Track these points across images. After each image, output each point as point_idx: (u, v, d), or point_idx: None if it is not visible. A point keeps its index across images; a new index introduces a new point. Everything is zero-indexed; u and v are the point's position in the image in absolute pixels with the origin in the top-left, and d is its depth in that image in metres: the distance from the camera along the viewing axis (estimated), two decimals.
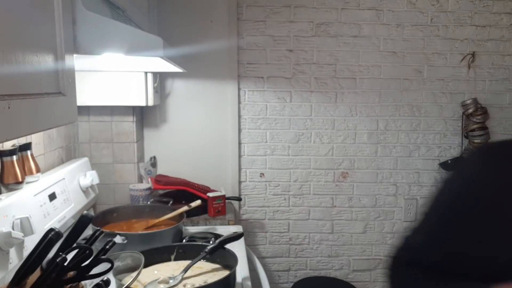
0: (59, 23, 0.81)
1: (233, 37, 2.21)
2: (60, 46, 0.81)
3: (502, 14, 2.31)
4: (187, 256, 1.37)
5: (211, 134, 2.28)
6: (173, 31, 2.15)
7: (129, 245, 1.40)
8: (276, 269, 2.43)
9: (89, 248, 0.87)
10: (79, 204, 1.56)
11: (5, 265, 1.05)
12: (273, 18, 2.23)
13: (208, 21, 2.20)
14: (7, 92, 0.61)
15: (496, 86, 2.36)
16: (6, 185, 1.22)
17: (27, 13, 0.70)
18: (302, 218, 2.39)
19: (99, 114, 1.99)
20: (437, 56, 2.29)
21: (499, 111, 2.37)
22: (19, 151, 1.28)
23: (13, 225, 1.09)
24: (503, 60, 2.34)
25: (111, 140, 2.02)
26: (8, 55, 0.61)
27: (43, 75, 0.76)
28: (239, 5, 2.21)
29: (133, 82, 1.83)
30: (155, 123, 2.25)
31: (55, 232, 0.81)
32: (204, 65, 2.22)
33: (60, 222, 1.36)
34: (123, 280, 1.19)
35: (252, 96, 2.28)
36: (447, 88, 2.33)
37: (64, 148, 1.78)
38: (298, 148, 2.32)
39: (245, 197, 2.35)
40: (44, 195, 1.31)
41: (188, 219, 1.84)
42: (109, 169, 2.02)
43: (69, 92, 0.85)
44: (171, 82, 2.23)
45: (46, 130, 1.30)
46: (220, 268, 1.35)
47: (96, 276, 0.90)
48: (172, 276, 1.25)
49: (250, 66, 2.25)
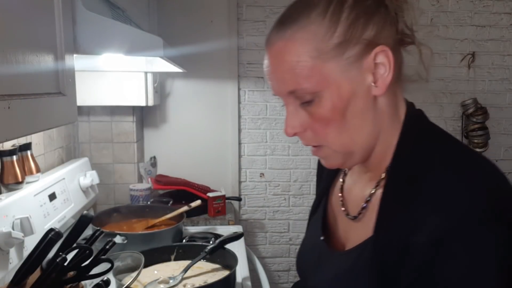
0: (59, 23, 0.81)
1: (233, 37, 2.21)
2: (60, 46, 0.81)
3: (502, 14, 2.31)
4: (187, 256, 1.37)
5: (211, 134, 2.28)
6: (173, 31, 2.15)
7: (129, 245, 1.40)
8: (276, 269, 2.42)
9: (89, 248, 0.87)
10: (79, 204, 1.56)
11: (5, 265, 1.05)
12: (273, 18, 2.22)
13: (208, 21, 2.20)
14: (7, 92, 0.61)
15: (496, 86, 2.36)
16: (6, 185, 1.22)
17: (27, 13, 0.70)
18: (302, 218, 2.38)
19: (99, 114, 1.99)
20: (437, 56, 2.29)
21: (499, 111, 2.37)
22: (19, 151, 1.28)
23: (13, 225, 1.09)
24: (503, 60, 2.34)
25: (111, 140, 2.01)
26: (8, 55, 0.61)
27: (43, 75, 0.76)
28: (239, 5, 2.21)
29: (133, 82, 1.83)
30: (155, 123, 2.25)
31: (55, 232, 0.81)
32: (204, 65, 2.22)
33: (60, 222, 1.36)
34: (123, 280, 1.19)
35: (252, 96, 2.28)
36: (447, 88, 2.33)
37: (64, 148, 1.78)
38: (298, 148, 2.32)
39: (245, 197, 2.35)
40: (44, 195, 1.31)
41: (188, 219, 1.84)
42: (109, 169, 2.02)
43: (69, 92, 0.85)
44: (171, 82, 2.23)
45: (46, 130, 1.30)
46: (220, 268, 1.35)
47: (96, 276, 0.90)
48: (172, 276, 1.25)
49: (250, 66, 2.25)
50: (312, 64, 0.63)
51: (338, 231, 0.78)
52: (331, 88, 0.64)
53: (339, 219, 0.79)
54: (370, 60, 0.64)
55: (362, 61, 0.64)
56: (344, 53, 0.63)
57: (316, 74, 0.63)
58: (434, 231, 0.58)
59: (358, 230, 0.72)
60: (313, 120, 0.66)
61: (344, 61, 0.63)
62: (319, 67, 0.63)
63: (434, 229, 0.58)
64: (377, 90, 0.65)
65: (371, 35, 0.64)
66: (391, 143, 0.69)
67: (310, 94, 0.64)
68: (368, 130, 0.67)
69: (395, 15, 0.67)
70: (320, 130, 0.66)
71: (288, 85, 0.66)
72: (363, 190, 0.74)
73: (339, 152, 0.68)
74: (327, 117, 0.65)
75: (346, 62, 0.63)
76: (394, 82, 0.67)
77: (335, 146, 0.67)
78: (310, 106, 0.65)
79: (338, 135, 0.66)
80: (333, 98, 0.64)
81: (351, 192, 0.78)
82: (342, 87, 0.64)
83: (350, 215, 0.75)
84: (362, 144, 0.68)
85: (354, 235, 0.73)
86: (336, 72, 0.64)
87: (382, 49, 0.64)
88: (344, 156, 0.69)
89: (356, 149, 0.68)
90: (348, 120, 0.65)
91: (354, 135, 0.67)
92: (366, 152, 0.69)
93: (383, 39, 0.65)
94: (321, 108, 0.65)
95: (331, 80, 0.64)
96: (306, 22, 0.64)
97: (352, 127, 0.66)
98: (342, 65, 0.63)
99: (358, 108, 0.65)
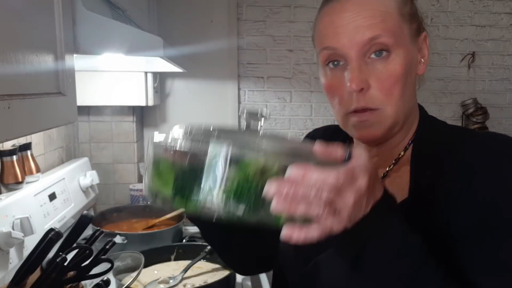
0: (59, 23, 0.81)
1: (233, 37, 2.21)
2: (60, 46, 0.81)
3: (502, 14, 2.31)
4: (187, 256, 1.37)
5: None
6: (173, 31, 2.15)
7: (129, 245, 1.40)
8: None
9: (89, 248, 0.87)
10: (79, 204, 1.56)
11: (5, 265, 1.05)
12: (273, 18, 2.23)
13: (208, 21, 2.20)
14: (7, 92, 0.61)
15: (496, 86, 2.36)
16: (6, 185, 1.22)
17: (27, 13, 0.70)
18: None
19: (99, 114, 1.98)
20: (437, 56, 2.29)
21: (499, 111, 2.37)
22: (19, 151, 1.28)
23: (13, 225, 1.09)
24: (503, 60, 2.34)
25: (111, 140, 2.01)
26: (8, 55, 0.61)
27: (43, 75, 0.76)
28: (239, 5, 2.21)
29: (133, 82, 1.83)
30: (155, 123, 2.25)
31: (55, 232, 0.81)
32: (204, 65, 2.22)
33: (60, 222, 1.36)
34: (123, 280, 1.19)
35: (252, 96, 2.28)
36: (447, 88, 2.33)
37: (64, 148, 1.78)
38: None
39: None
40: (44, 195, 1.31)
41: (188, 219, 1.83)
42: (109, 169, 2.02)
43: (69, 92, 0.85)
44: (171, 82, 2.23)
45: (46, 130, 1.30)
46: (220, 268, 1.35)
47: (96, 276, 0.90)
48: (172, 276, 1.25)
49: (250, 66, 2.25)
50: (397, 19, 0.67)
51: None
52: (404, 48, 0.67)
53: None
54: (421, 39, 0.71)
55: (418, 38, 0.71)
56: (411, 24, 0.69)
57: (398, 30, 0.67)
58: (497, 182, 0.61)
59: None
60: (383, 75, 0.66)
61: (411, 31, 0.69)
62: (401, 25, 0.67)
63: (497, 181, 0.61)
64: (421, 69, 0.71)
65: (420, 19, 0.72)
66: (411, 125, 0.73)
67: (389, 46, 0.66)
68: (411, 104, 0.72)
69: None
70: (388, 88, 0.67)
71: (373, 31, 0.65)
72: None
73: (392, 118, 0.68)
74: (397, 75, 0.66)
75: (412, 33, 0.69)
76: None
77: (391, 111, 0.68)
78: (383, 60, 0.66)
79: (401, 97, 0.67)
80: (405, 58, 0.67)
81: None
82: (410, 52, 0.69)
83: None
84: (406, 115, 0.71)
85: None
86: (408, 36, 0.69)
87: (426, 34, 0.72)
88: (391, 124, 0.69)
89: (401, 120, 0.70)
90: (408, 86, 0.69)
91: (407, 103, 0.70)
92: (401, 127, 0.71)
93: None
94: (393, 64, 0.66)
95: (406, 41, 0.68)
96: None
97: (407, 95, 0.69)
98: (411, 34, 0.69)
99: (412, 79, 0.70)
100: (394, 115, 0.68)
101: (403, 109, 0.69)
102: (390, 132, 0.70)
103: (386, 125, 0.69)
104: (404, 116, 0.70)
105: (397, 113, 0.68)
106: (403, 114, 0.69)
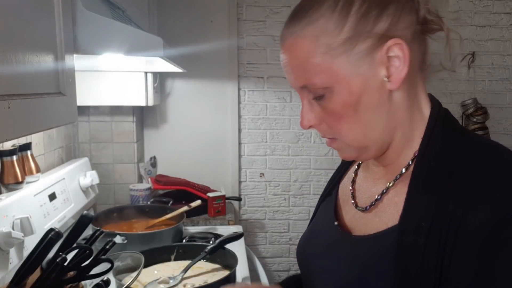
0: (59, 23, 0.81)
1: (233, 37, 2.21)
2: (60, 46, 0.81)
3: (502, 14, 2.31)
4: (187, 256, 1.37)
5: (211, 134, 2.28)
6: (173, 31, 2.15)
7: (129, 245, 1.40)
8: (276, 269, 2.42)
9: (89, 248, 0.87)
10: (79, 204, 1.56)
11: (5, 265, 1.05)
12: (273, 18, 2.23)
13: (208, 21, 2.20)
14: (7, 92, 0.61)
15: (496, 86, 2.36)
16: (6, 185, 1.22)
17: (27, 13, 0.70)
18: (302, 218, 2.38)
19: (99, 114, 1.99)
20: (437, 56, 2.29)
21: (499, 111, 2.37)
22: (19, 151, 1.28)
23: (13, 225, 1.09)
24: (503, 60, 2.34)
25: (111, 140, 2.01)
26: (8, 55, 0.61)
27: (43, 75, 0.76)
28: (239, 5, 2.21)
29: (133, 82, 1.83)
30: (155, 123, 2.25)
31: (55, 232, 0.81)
32: (204, 65, 2.22)
33: (60, 222, 1.36)
34: (123, 280, 1.19)
35: (252, 96, 2.28)
36: (447, 88, 2.33)
37: (64, 148, 1.78)
38: (298, 148, 2.32)
39: (245, 197, 2.35)
40: (44, 195, 1.31)
41: (188, 219, 1.84)
42: (109, 169, 2.02)
43: (69, 92, 0.85)
44: (171, 82, 2.23)
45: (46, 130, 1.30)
46: (220, 268, 1.35)
47: (96, 276, 0.90)
48: (172, 276, 1.25)
49: (250, 66, 2.25)
50: (321, 61, 0.63)
51: (344, 220, 0.78)
52: (341, 84, 0.63)
53: (345, 209, 0.79)
54: (382, 53, 0.62)
55: (374, 55, 0.62)
56: (354, 48, 0.62)
57: (326, 70, 0.63)
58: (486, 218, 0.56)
59: (368, 220, 0.72)
60: (326, 114, 0.66)
61: (354, 56, 0.62)
62: (329, 63, 0.63)
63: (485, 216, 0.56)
64: (391, 85, 0.64)
65: (384, 27, 0.62)
66: (411, 137, 0.68)
67: (321, 89, 0.64)
68: (382, 125, 0.66)
69: (417, 2, 0.65)
70: (333, 124, 0.67)
71: (300, 80, 0.66)
72: (375, 184, 0.74)
73: (353, 146, 0.68)
74: (339, 112, 0.65)
75: (357, 57, 0.62)
76: (414, 73, 0.66)
77: (348, 140, 0.68)
78: (323, 101, 0.66)
79: (351, 130, 0.66)
80: (343, 94, 0.64)
81: (362, 184, 0.78)
82: (352, 83, 0.63)
83: (359, 207, 0.74)
84: (376, 138, 0.67)
85: (362, 225, 0.73)
86: (346, 67, 0.63)
87: (395, 42, 0.62)
88: (358, 149, 0.68)
89: (370, 144, 0.68)
90: (361, 115, 0.65)
91: (367, 130, 0.66)
92: (381, 146, 0.69)
93: (399, 31, 0.63)
94: (332, 103, 0.65)
95: (341, 76, 0.63)
96: (316, 17, 0.63)
97: (365, 122, 0.65)
98: (352, 61, 0.62)
99: (371, 103, 0.64)
100: (354, 142, 0.67)
101: (366, 135, 0.66)
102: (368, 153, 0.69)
103: (354, 150, 0.69)
104: (376, 139, 0.67)
105: (358, 140, 0.67)
106: (369, 138, 0.67)
